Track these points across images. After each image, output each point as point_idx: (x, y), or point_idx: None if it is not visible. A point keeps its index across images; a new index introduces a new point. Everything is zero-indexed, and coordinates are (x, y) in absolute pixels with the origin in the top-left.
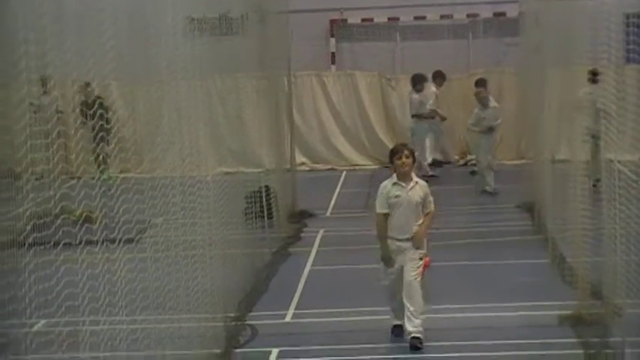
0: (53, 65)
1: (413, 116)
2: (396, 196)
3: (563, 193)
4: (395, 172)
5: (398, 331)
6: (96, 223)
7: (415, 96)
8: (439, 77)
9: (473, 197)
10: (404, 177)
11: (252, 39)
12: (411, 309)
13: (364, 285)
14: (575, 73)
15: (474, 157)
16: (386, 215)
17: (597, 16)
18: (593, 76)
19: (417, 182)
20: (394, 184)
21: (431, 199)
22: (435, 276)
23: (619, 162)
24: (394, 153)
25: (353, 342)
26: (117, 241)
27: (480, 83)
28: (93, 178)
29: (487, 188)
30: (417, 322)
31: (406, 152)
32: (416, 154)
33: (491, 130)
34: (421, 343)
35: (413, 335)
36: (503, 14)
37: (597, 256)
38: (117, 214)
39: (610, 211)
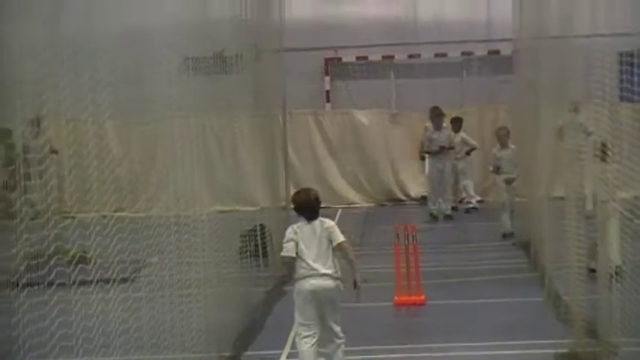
0: (48, 105)
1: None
2: None
3: (558, 230)
4: None
5: None
6: (90, 263)
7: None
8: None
9: (469, 235)
10: None
11: (247, 77)
12: None
13: (359, 324)
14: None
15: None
16: None
17: (591, 55)
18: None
19: None
20: None
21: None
22: (430, 314)
23: (614, 200)
24: None
25: None
26: (111, 280)
27: (456, 122)
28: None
29: (501, 230)
30: None
31: None
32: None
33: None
34: None
35: None
36: (497, 52)
37: (593, 294)
38: (111, 253)
39: (603, 249)
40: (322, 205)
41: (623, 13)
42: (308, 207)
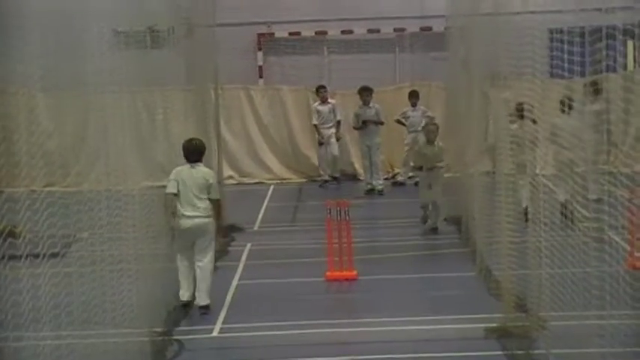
0: None
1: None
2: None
3: (489, 206)
4: None
5: None
6: (19, 237)
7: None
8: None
9: (401, 211)
10: None
11: (180, 52)
12: None
13: (291, 299)
14: (502, 88)
15: (399, 171)
16: None
17: (522, 32)
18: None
19: None
20: None
21: None
22: (362, 289)
23: (544, 176)
24: None
25: (281, 356)
26: (41, 255)
27: (413, 95)
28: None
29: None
30: None
31: None
32: None
33: None
34: None
35: None
36: (429, 29)
37: (523, 269)
38: (41, 228)
39: (535, 225)
40: (255, 181)
41: None
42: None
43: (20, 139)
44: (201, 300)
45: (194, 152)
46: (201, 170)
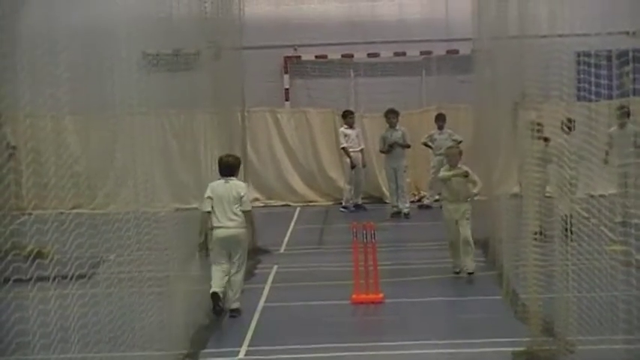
0: (5, 100)
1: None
2: None
3: (516, 229)
4: None
5: None
6: (47, 258)
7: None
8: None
9: (427, 234)
10: None
11: (207, 75)
12: None
13: (317, 321)
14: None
15: (425, 193)
16: None
17: (549, 55)
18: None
19: None
20: None
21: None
22: (388, 312)
23: (571, 200)
24: None
25: None
26: (69, 276)
27: (439, 118)
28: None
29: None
30: None
31: None
32: None
33: None
34: None
35: None
36: (456, 52)
37: (550, 292)
38: (69, 249)
39: (562, 248)
40: (282, 203)
41: (582, 13)
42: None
43: (48, 161)
44: (232, 304)
45: (226, 168)
46: (234, 184)
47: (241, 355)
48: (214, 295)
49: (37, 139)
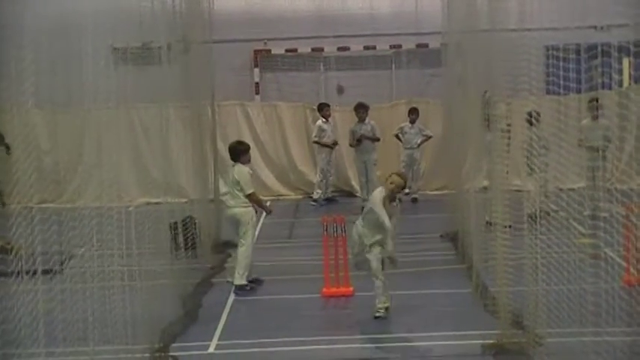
0: None
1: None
2: None
3: (484, 222)
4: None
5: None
6: (11, 254)
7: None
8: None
9: (398, 227)
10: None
11: (176, 69)
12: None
13: (288, 315)
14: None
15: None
16: None
17: (518, 49)
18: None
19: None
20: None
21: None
22: (359, 305)
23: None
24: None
25: None
26: (34, 272)
27: (412, 112)
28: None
29: None
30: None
31: None
32: None
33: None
34: None
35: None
36: (425, 45)
37: (519, 285)
38: (35, 245)
39: (531, 241)
40: None
41: (551, 7)
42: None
43: (15, 155)
44: (235, 280)
45: (231, 153)
46: (236, 169)
47: (211, 349)
48: (252, 281)
49: (5, 132)
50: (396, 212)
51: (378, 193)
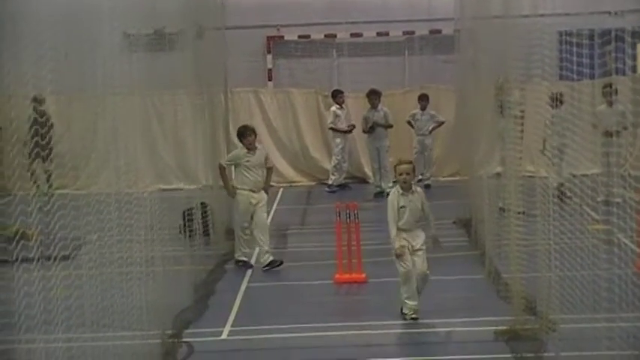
0: None
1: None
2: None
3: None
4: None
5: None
6: (32, 239)
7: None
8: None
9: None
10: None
11: (189, 55)
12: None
13: (300, 301)
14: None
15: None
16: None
17: (531, 34)
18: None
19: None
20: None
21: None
22: (371, 292)
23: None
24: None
25: (289, 359)
26: (53, 258)
27: (423, 99)
28: (28, 195)
29: None
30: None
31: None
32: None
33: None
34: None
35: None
36: (439, 32)
37: (532, 271)
38: (53, 230)
39: (544, 227)
40: None
41: None
42: None
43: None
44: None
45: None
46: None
47: (224, 335)
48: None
49: (21, 119)
50: (416, 202)
51: (391, 195)
